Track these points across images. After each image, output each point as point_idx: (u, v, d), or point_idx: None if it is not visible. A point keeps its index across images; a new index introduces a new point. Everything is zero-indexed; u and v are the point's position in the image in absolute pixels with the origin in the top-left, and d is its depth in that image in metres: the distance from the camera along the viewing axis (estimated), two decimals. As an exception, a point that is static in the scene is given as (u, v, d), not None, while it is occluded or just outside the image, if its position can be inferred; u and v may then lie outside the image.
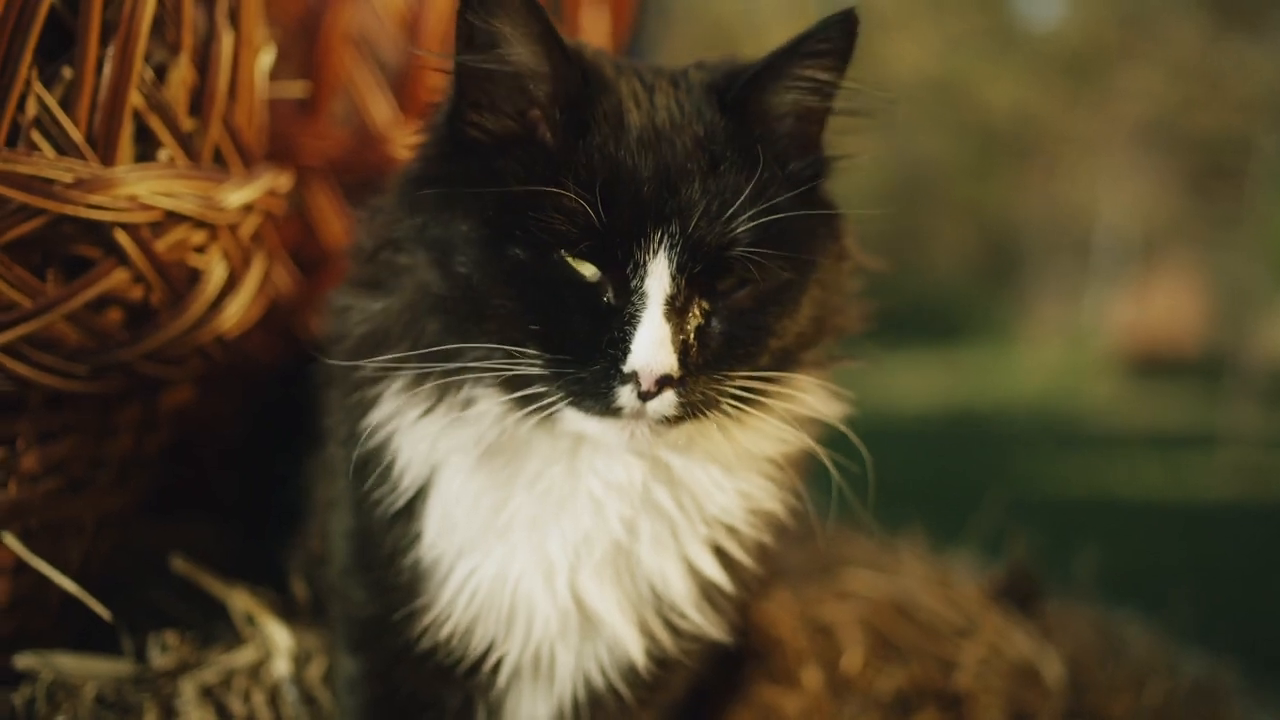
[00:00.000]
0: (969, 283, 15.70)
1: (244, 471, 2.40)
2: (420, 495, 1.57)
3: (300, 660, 1.95)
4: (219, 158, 1.89)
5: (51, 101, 1.62)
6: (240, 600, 2.05)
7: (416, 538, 1.58)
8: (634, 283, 1.40)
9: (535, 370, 1.40)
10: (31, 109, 1.61)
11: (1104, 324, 13.85)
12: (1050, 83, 14.79)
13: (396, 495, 1.57)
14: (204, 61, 1.84)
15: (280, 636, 1.98)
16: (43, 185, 1.59)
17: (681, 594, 1.59)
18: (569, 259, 1.41)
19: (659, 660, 1.65)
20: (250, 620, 2.03)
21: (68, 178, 1.61)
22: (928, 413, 9.98)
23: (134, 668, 1.89)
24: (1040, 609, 2.50)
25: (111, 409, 1.87)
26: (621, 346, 1.38)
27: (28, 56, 1.56)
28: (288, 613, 2.05)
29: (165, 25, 1.77)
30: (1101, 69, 14.18)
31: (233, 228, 1.88)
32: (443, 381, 1.48)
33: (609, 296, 1.41)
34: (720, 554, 1.60)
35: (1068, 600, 2.63)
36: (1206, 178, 13.80)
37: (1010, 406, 10.96)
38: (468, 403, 1.48)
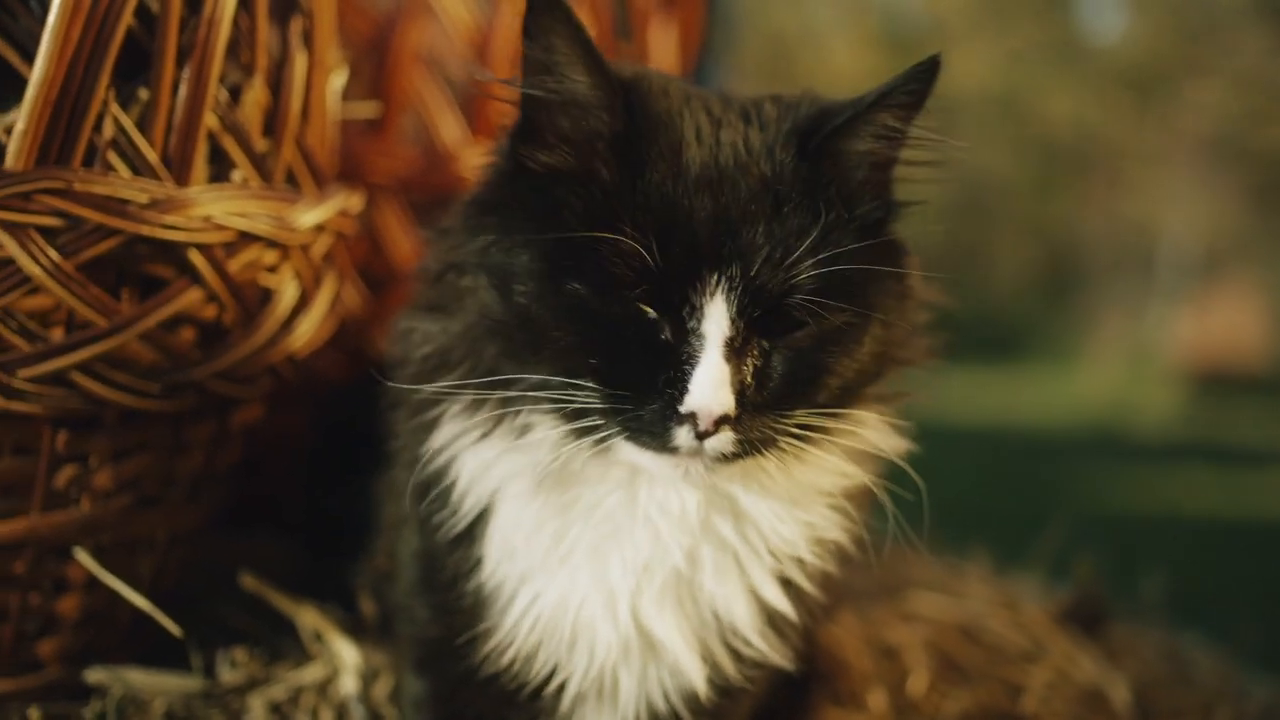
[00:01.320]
0: (1030, 299, 15.57)
1: (313, 489, 2.41)
2: (480, 520, 1.57)
3: (367, 678, 1.96)
4: (291, 178, 1.91)
5: (128, 122, 1.64)
6: (308, 617, 2.06)
7: (478, 563, 1.58)
8: (691, 324, 1.38)
9: (593, 404, 1.39)
10: (108, 130, 1.63)
11: (1167, 340, 13.70)
12: (1113, 96, 14.65)
13: (457, 519, 1.57)
14: (277, 83, 1.86)
15: (348, 654, 1.99)
16: (118, 205, 1.61)
17: (745, 621, 1.58)
18: (628, 297, 1.39)
19: (722, 688, 1.64)
20: (318, 637, 2.04)
21: (143, 198, 1.63)
22: (990, 430, 9.89)
23: (203, 683, 1.91)
24: (1107, 632, 2.48)
25: (183, 427, 1.88)
26: (679, 386, 1.36)
27: (105, 78, 1.58)
28: (355, 630, 2.06)
29: (240, 47, 1.79)
30: (1165, 82, 14.04)
31: (304, 248, 1.90)
32: (500, 411, 1.48)
33: (666, 335, 1.39)
34: (785, 583, 1.59)
35: (1134, 623, 2.60)
36: (1272, 192, 13.65)
37: (1073, 423, 10.86)
38: (524, 429, 1.48)
